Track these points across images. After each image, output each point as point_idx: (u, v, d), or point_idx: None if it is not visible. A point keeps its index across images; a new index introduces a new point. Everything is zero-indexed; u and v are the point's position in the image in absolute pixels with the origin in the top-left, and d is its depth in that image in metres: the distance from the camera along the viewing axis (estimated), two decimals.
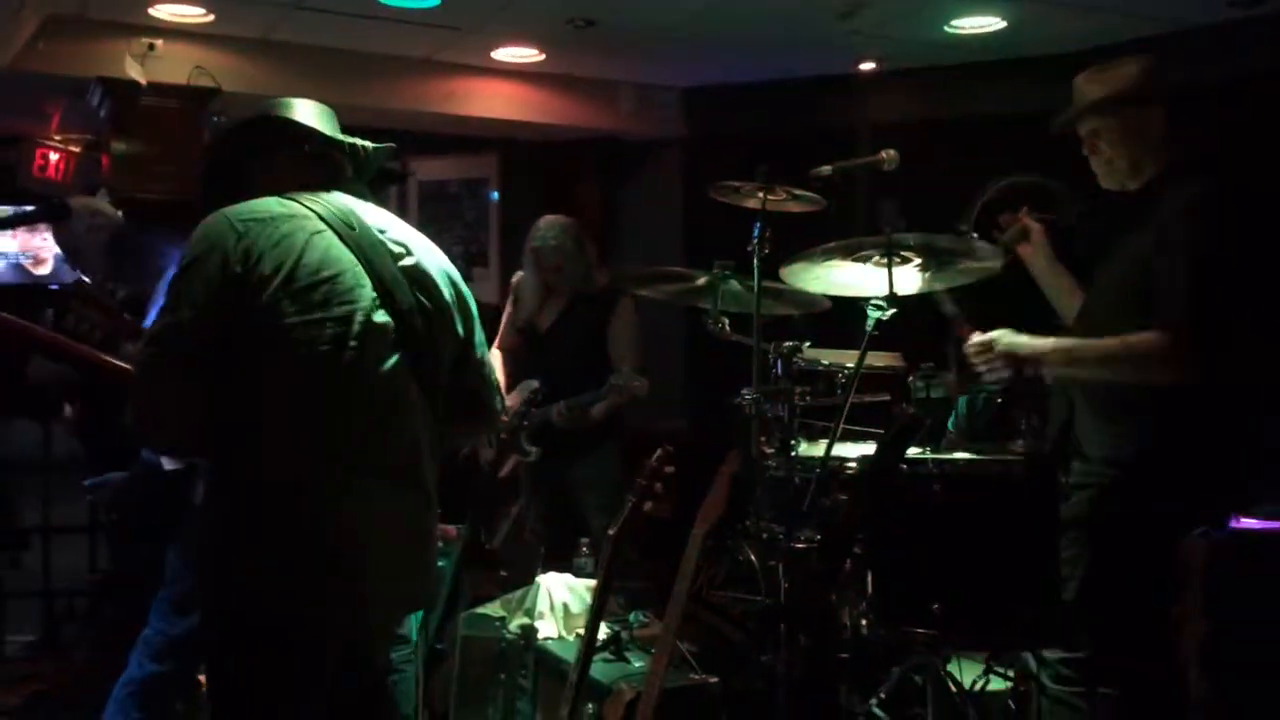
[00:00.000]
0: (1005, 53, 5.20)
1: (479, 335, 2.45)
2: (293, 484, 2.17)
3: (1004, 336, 2.81)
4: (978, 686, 3.00)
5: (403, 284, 2.29)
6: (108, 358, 2.54)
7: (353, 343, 2.20)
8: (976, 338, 2.86)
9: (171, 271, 2.33)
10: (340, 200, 2.35)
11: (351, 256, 2.25)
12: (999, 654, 3.02)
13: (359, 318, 2.21)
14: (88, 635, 5.15)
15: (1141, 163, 2.80)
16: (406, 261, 2.33)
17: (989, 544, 2.64)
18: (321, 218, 2.27)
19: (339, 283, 2.22)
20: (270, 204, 2.28)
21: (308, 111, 2.43)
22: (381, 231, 2.34)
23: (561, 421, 4.18)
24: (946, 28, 4.97)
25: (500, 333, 4.56)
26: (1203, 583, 3.30)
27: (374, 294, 2.24)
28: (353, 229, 2.29)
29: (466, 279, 2.48)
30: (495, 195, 6.56)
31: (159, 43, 5.01)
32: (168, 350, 2.15)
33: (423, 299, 2.32)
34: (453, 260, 2.48)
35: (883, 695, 3.00)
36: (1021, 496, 2.66)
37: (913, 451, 2.87)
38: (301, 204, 2.29)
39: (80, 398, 4.13)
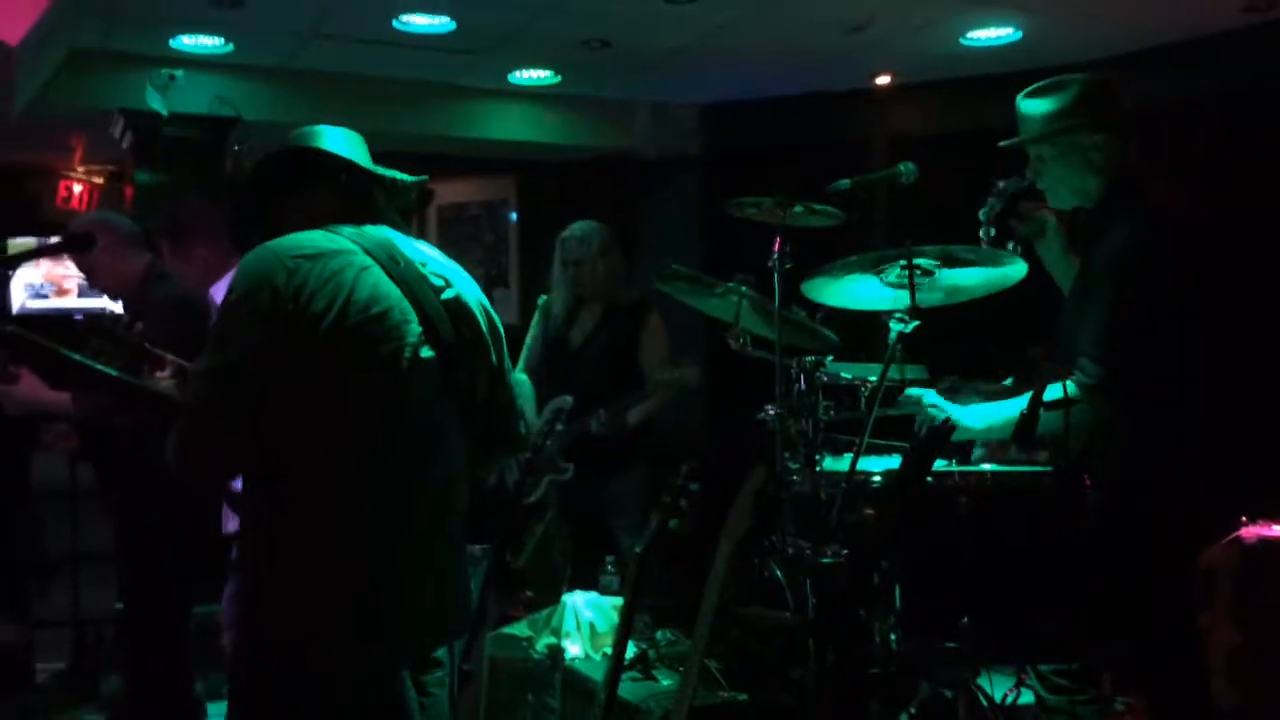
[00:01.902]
0: (1021, 64, 5.17)
1: (508, 363, 2.46)
2: (339, 519, 2.16)
3: (926, 397, 2.90)
4: (1009, 700, 2.97)
5: (445, 318, 2.28)
6: (143, 384, 2.52)
7: (401, 380, 2.20)
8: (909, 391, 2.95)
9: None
10: (382, 233, 2.32)
11: (398, 292, 2.23)
12: (1030, 667, 3.00)
13: (406, 354, 2.20)
14: (119, 667, 5.15)
15: (1085, 185, 2.79)
16: (448, 294, 2.31)
17: (1017, 556, 2.63)
18: (367, 252, 2.24)
19: (388, 319, 2.20)
20: (316, 238, 2.23)
21: (340, 141, 2.39)
22: (423, 265, 2.32)
23: (602, 429, 4.19)
24: (962, 40, 4.98)
25: (526, 354, 4.57)
26: (1233, 592, 3.28)
27: (420, 329, 2.23)
28: (397, 263, 2.26)
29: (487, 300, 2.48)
30: (514, 216, 6.58)
31: (180, 73, 5.06)
32: (217, 391, 2.11)
33: (463, 331, 2.31)
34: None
35: (913, 710, 2.98)
36: (1049, 508, 2.64)
37: (939, 464, 2.86)
38: (346, 238, 2.26)
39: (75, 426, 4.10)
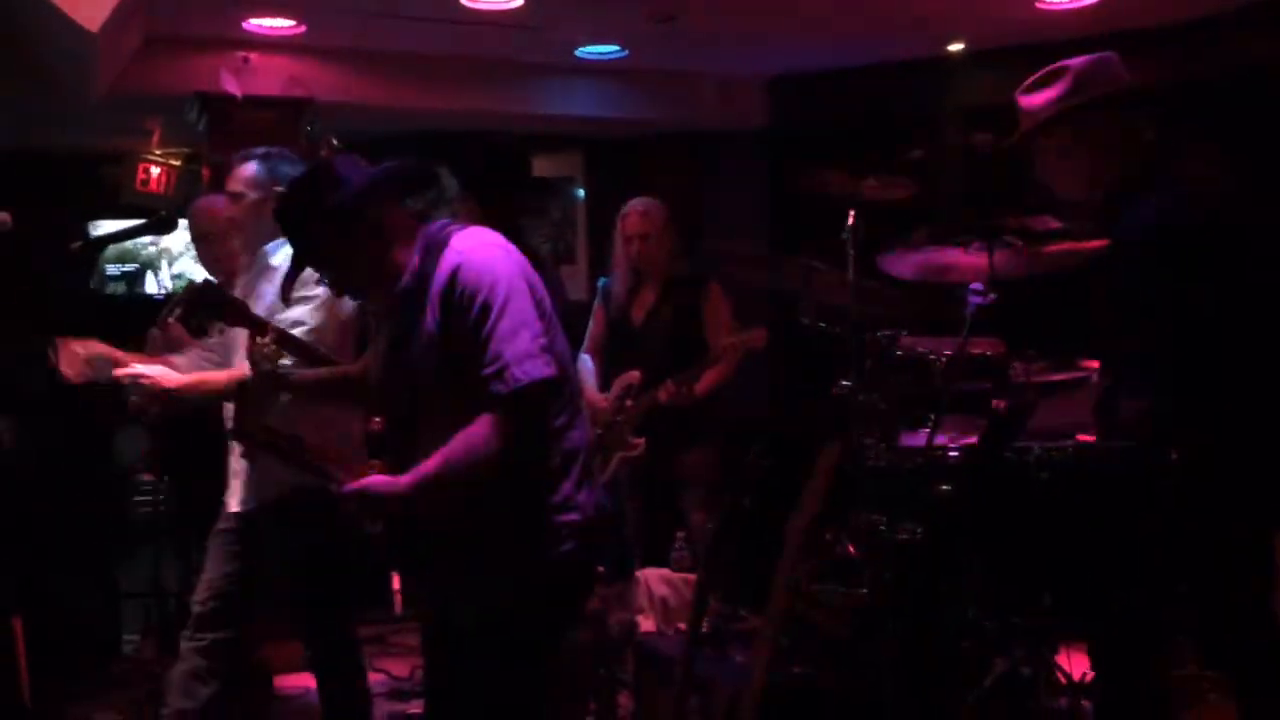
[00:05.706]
0: (1098, 28, 5.05)
1: None
2: (552, 478, 2.33)
3: None
4: (1087, 677, 2.93)
5: None
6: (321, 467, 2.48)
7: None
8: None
9: None
10: None
11: None
12: (1109, 644, 2.95)
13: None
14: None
15: (1099, 170, 2.71)
16: None
17: (1099, 532, 2.58)
18: None
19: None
20: (497, 238, 2.38)
21: (358, 164, 2.44)
22: None
23: (671, 399, 4.19)
24: (1037, 4, 4.87)
25: (591, 335, 4.57)
26: None
27: None
28: None
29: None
30: (581, 192, 6.59)
31: (253, 55, 5.12)
32: (546, 363, 2.24)
33: None
34: (542, 256, 2.54)
35: (990, 686, 2.95)
36: (1132, 485, 2.58)
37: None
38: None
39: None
